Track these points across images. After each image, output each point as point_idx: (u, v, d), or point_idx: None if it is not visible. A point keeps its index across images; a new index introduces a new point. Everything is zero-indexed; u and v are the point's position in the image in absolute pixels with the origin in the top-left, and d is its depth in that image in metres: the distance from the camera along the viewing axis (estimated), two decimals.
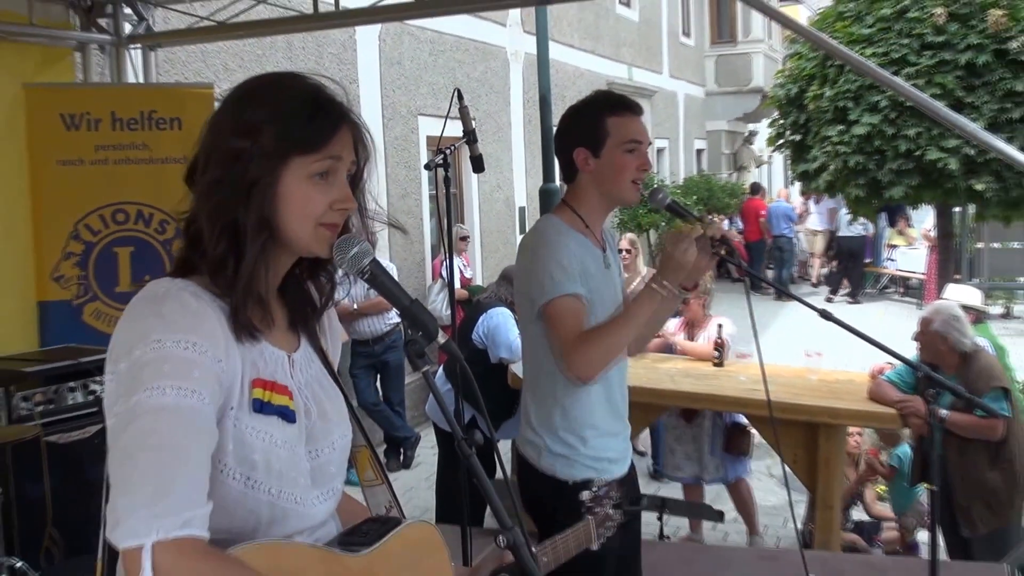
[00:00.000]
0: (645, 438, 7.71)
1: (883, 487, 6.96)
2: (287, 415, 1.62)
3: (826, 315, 2.87)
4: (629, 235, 8.66)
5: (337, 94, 1.66)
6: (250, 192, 1.56)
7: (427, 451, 8.21)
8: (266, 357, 1.63)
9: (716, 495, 6.61)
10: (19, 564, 3.93)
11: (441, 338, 1.62)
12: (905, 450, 6.08)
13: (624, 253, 7.41)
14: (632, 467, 3.20)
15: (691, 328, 6.71)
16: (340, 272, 1.72)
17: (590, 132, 2.93)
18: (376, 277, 1.63)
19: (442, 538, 1.85)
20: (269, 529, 1.60)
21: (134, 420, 1.42)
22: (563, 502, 2.82)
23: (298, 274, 1.74)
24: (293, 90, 1.63)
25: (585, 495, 2.24)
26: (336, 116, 1.62)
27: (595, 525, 2.20)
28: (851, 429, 6.43)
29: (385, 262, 7.18)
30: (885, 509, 6.68)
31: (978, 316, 5.96)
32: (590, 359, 2.79)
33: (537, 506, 3.02)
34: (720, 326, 6.48)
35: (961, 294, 6.10)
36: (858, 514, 6.64)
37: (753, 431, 6.34)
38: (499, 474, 5.48)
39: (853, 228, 16.83)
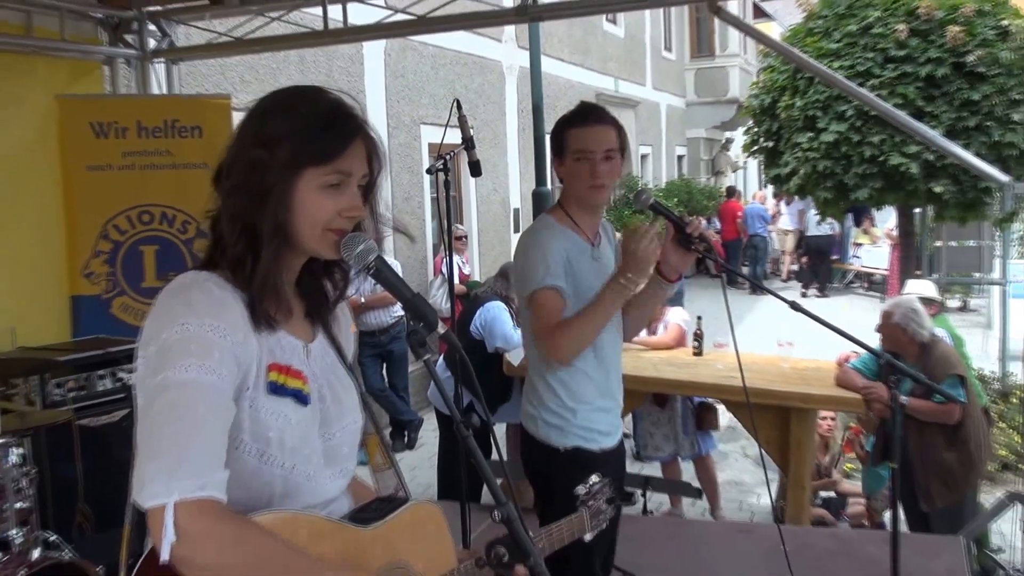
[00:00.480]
0: (628, 421, 7.73)
1: (850, 465, 6.99)
2: (301, 397, 1.63)
3: (796, 307, 2.89)
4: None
5: (354, 108, 1.65)
6: (266, 199, 1.57)
7: (429, 433, 8.22)
8: (283, 345, 1.64)
9: (695, 476, 6.63)
10: (53, 537, 3.93)
11: (441, 328, 1.62)
12: None
13: None
14: (621, 442, 3.24)
15: (649, 321, 6.72)
16: (353, 270, 1.72)
17: (557, 144, 3.05)
18: (380, 272, 1.64)
19: (444, 516, 1.87)
20: (283, 502, 1.61)
21: (161, 394, 1.45)
22: (557, 469, 2.90)
23: (315, 270, 1.74)
24: (311, 105, 1.63)
25: (580, 489, 2.24)
26: (350, 131, 1.62)
27: (589, 517, 2.20)
28: (824, 413, 6.47)
29: (390, 259, 7.16)
30: (851, 486, 6.70)
31: (938, 309, 5.97)
32: (563, 344, 2.86)
33: (537, 474, 3.09)
34: (699, 318, 6.51)
35: (920, 288, 6.11)
36: (825, 492, 6.65)
37: (719, 406, 6.41)
38: (495, 455, 5.49)
39: (821, 228, 16.85)
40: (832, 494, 6.62)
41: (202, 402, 1.46)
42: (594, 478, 2.31)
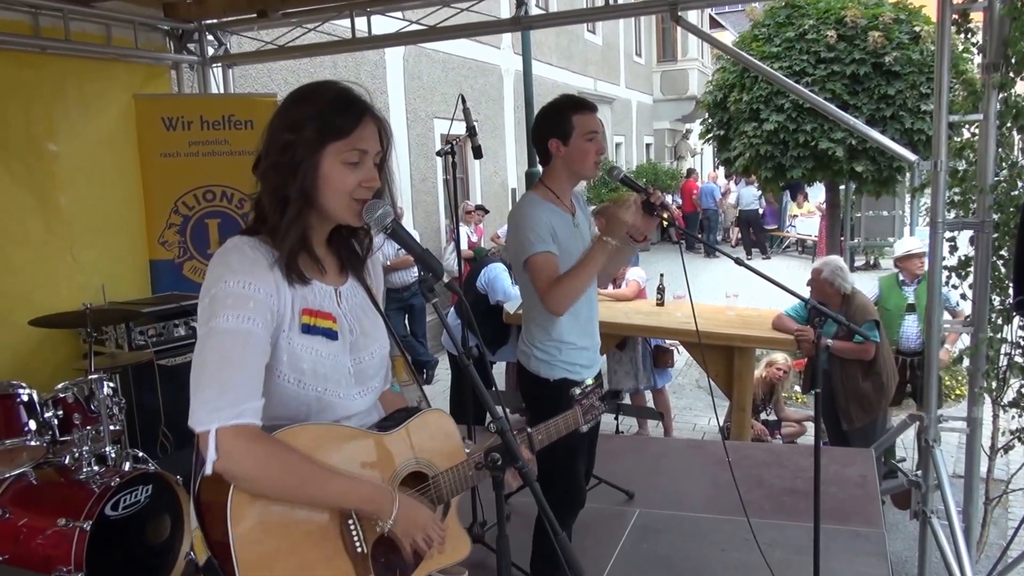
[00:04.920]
0: (603, 360, 7.76)
1: (786, 395, 7.04)
2: (330, 334, 1.65)
3: (740, 262, 2.88)
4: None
5: (362, 94, 1.65)
6: (296, 171, 1.58)
7: (443, 371, 8.27)
8: (315, 292, 1.65)
9: (654, 405, 6.66)
10: (140, 454, 3.98)
11: (446, 279, 1.63)
12: None
13: None
14: (600, 374, 3.24)
15: (614, 279, 6.72)
16: (374, 231, 1.72)
17: (560, 126, 2.90)
18: (396, 232, 1.64)
19: (452, 420, 1.88)
20: (319, 416, 1.64)
21: (207, 339, 1.50)
22: (546, 393, 2.91)
23: (344, 234, 1.75)
24: (326, 93, 1.63)
25: (576, 391, 2.24)
26: (360, 110, 1.62)
27: (581, 413, 2.19)
28: (778, 364, 6.52)
29: (409, 229, 7.17)
30: (790, 412, 6.76)
31: (923, 263, 5.41)
32: (559, 298, 2.82)
33: (529, 397, 3.08)
34: (661, 275, 6.52)
35: (911, 244, 5.80)
36: (765, 416, 6.71)
37: (674, 349, 6.45)
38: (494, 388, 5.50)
39: (751, 204, 17.62)
40: (772, 416, 6.68)
41: (238, 345, 1.49)
42: (589, 381, 2.31)
